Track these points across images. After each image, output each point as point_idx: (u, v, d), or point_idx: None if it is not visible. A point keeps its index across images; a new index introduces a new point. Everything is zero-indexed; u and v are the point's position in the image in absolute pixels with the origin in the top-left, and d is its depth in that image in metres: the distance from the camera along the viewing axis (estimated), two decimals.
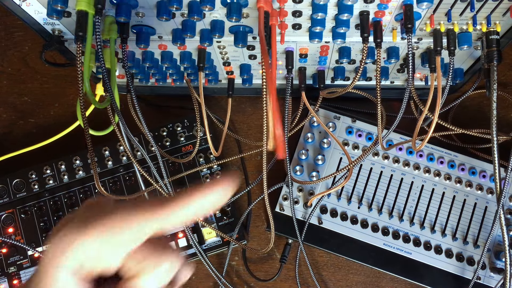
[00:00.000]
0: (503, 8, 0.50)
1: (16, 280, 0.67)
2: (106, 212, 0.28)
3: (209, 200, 0.28)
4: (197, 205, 0.28)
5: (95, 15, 0.47)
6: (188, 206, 0.28)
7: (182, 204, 0.28)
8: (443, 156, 0.69)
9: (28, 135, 0.77)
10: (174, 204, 0.28)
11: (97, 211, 0.28)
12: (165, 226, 0.28)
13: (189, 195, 0.28)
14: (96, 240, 0.27)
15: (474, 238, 0.66)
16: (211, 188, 0.28)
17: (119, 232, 0.27)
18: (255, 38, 0.57)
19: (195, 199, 0.28)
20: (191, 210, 0.28)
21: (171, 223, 0.28)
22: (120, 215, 0.27)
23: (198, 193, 0.28)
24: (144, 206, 0.28)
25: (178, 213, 0.28)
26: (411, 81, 0.53)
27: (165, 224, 0.28)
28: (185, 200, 0.28)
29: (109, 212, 0.28)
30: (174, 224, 0.28)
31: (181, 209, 0.28)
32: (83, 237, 0.27)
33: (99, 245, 0.27)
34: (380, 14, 0.52)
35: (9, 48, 0.80)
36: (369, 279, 0.70)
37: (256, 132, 0.76)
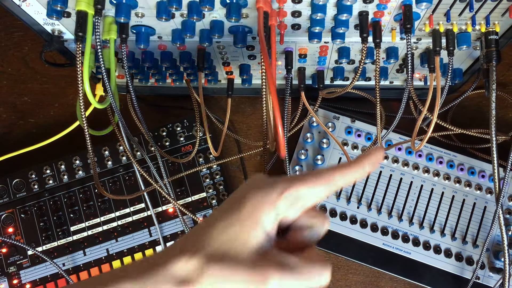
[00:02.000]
0: (502, 8, 0.50)
1: (16, 280, 0.68)
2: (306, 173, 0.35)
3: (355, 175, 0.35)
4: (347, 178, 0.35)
5: (95, 15, 0.47)
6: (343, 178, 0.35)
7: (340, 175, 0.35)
8: (442, 156, 0.69)
9: (28, 135, 0.77)
10: (338, 174, 0.35)
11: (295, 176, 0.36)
12: (329, 193, 0.35)
13: (343, 169, 0.35)
14: (299, 191, 0.33)
15: (473, 238, 0.66)
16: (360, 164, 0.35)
17: (314, 187, 0.34)
18: (255, 38, 0.57)
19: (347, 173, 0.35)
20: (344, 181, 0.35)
21: (333, 190, 0.35)
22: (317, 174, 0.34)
23: (350, 168, 0.35)
24: (325, 172, 0.35)
25: (338, 183, 0.35)
26: (410, 81, 0.53)
27: (330, 191, 0.35)
28: (341, 172, 0.35)
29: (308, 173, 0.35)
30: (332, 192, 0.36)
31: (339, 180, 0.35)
32: (296, 186, 0.33)
33: (299, 198, 0.33)
34: (379, 14, 0.52)
35: (9, 48, 0.80)
36: (369, 279, 0.70)
37: (255, 132, 0.76)
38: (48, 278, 0.68)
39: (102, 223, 0.69)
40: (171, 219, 0.69)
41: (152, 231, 0.68)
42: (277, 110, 0.39)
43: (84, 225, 0.69)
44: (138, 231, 0.69)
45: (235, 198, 0.34)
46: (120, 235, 0.68)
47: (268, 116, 0.52)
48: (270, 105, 0.51)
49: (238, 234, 0.32)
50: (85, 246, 0.68)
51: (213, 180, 0.70)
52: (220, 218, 0.33)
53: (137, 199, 0.69)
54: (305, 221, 0.35)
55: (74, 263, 0.68)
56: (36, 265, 0.68)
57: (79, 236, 0.69)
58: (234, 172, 0.74)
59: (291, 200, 0.33)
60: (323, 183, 0.34)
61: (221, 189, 0.70)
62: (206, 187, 0.70)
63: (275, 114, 0.39)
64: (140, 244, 0.68)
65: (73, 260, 0.68)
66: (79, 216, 0.69)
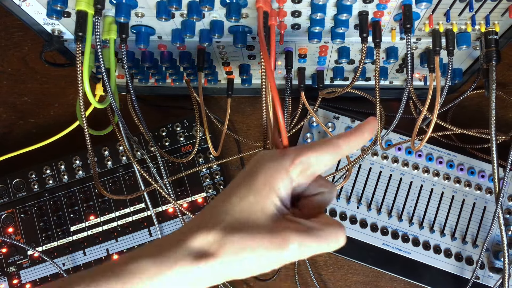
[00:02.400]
0: (502, 8, 0.50)
1: (16, 280, 0.68)
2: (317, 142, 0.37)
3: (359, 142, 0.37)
4: None
5: (95, 15, 0.47)
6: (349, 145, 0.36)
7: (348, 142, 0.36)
8: (442, 156, 0.69)
9: (28, 135, 0.77)
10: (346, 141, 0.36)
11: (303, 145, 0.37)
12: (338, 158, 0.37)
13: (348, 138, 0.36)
14: (309, 158, 0.35)
15: (473, 238, 0.67)
16: None
17: (323, 154, 0.35)
18: (254, 38, 0.57)
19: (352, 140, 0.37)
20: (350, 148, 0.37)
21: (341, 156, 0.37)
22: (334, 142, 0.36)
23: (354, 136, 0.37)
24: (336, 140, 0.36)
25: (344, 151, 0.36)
26: (410, 81, 0.53)
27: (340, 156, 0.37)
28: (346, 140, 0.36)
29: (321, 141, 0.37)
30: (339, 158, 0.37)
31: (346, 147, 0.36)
32: (310, 152, 0.35)
33: (309, 165, 0.35)
34: (379, 14, 0.52)
35: (9, 48, 0.80)
36: (368, 279, 0.70)
37: (255, 132, 0.76)
38: (48, 278, 0.68)
39: (102, 223, 0.69)
40: (171, 219, 0.69)
41: (152, 231, 0.68)
42: (278, 101, 0.39)
43: (84, 225, 0.69)
44: (138, 231, 0.69)
45: (247, 172, 0.35)
46: (120, 235, 0.69)
47: (268, 116, 0.52)
48: (270, 105, 0.51)
49: (254, 203, 0.33)
50: (85, 246, 0.68)
51: (213, 180, 0.70)
52: (234, 191, 0.34)
53: (137, 199, 0.69)
54: (315, 188, 0.36)
55: (74, 263, 0.68)
56: (36, 265, 0.68)
57: (79, 236, 0.69)
58: (234, 172, 0.74)
59: (302, 167, 0.34)
60: (330, 150, 0.35)
61: (221, 189, 0.70)
62: (206, 187, 0.70)
63: (275, 104, 0.39)
64: (140, 244, 0.68)
65: (73, 260, 0.68)
66: (79, 216, 0.69)
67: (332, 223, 0.35)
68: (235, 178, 0.36)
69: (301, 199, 0.37)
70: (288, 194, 0.35)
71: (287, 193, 0.34)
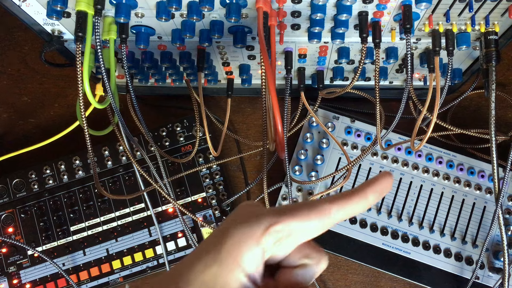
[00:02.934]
0: (502, 8, 0.50)
1: (16, 280, 0.68)
2: (294, 205, 0.31)
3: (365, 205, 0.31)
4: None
5: (95, 16, 0.47)
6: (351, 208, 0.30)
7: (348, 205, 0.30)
8: (441, 156, 0.69)
9: (28, 135, 0.77)
10: (344, 205, 0.30)
11: (287, 206, 0.31)
12: (329, 226, 0.31)
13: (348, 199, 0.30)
14: (289, 226, 0.29)
15: (473, 238, 0.67)
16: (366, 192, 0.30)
17: (307, 221, 0.29)
18: (254, 38, 0.57)
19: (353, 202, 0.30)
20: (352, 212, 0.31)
21: (333, 224, 0.30)
22: (310, 206, 0.30)
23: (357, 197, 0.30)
24: (323, 205, 0.30)
25: (341, 215, 0.30)
26: (410, 81, 0.54)
27: (330, 224, 0.30)
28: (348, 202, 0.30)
29: (299, 205, 0.31)
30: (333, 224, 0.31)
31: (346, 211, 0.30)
32: (280, 222, 0.29)
33: (289, 233, 0.29)
34: (379, 15, 0.52)
35: (9, 48, 0.80)
36: (368, 279, 0.70)
37: (255, 132, 0.76)
38: (48, 278, 0.68)
39: (102, 223, 0.69)
40: (171, 219, 0.69)
41: (152, 231, 0.69)
42: (277, 110, 0.39)
43: (84, 225, 0.69)
44: (138, 231, 0.69)
45: (218, 232, 0.30)
46: (120, 235, 0.69)
47: (268, 116, 0.53)
48: (270, 105, 0.51)
49: (217, 276, 0.28)
50: (85, 246, 0.68)
51: (213, 180, 0.70)
52: (201, 256, 0.29)
53: (137, 199, 0.69)
54: (297, 258, 0.31)
55: (74, 263, 0.68)
56: (36, 265, 0.68)
57: (79, 236, 0.69)
58: (234, 172, 0.74)
59: (279, 235, 0.29)
60: (317, 217, 0.29)
61: (220, 189, 0.70)
62: (206, 187, 0.70)
63: (275, 114, 0.39)
64: (140, 244, 0.68)
65: (73, 260, 0.68)
66: (79, 216, 0.69)
67: None
68: (207, 238, 0.31)
69: (280, 269, 0.31)
70: (258, 267, 0.29)
71: (256, 266, 0.28)
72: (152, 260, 0.68)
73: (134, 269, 0.68)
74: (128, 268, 0.68)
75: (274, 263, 0.31)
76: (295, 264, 0.31)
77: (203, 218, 0.69)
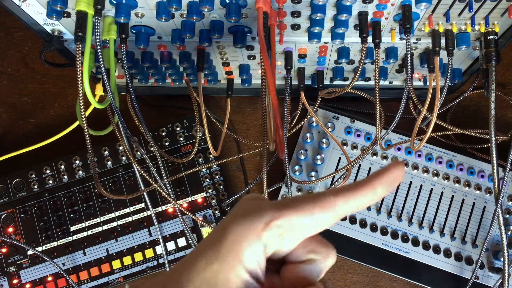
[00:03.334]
0: (501, 8, 0.51)
1: (16, 280, 0.68)
2: (300, 197, 0.29)
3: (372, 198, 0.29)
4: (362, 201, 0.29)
5: (95, 16, 0.47)
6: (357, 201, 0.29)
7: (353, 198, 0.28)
8: (441, 156, 0.69)
9: (28, 135, 0.77)
10: (347, 198, 0.28)
11: (291, 198, 0.29)
12: (336, 219, 0.29)
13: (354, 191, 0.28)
14: (291, 220, 0.28)
15: (473, 237, 0.67)
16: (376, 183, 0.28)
17: (310, 215, 0.28)
18: (254, 38, 0.57)
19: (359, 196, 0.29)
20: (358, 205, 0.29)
21: (339, 217, 0.29)
22: (316, 199, 0.28)
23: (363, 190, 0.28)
24: (328, 197, 0.28)
25: (346, 208, 0.28)
26: (409, 81, 0.54)
27: (338, 217, 0.29)
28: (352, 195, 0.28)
29: (306, 196, 0.29)
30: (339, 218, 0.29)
31: (351, 203, 0.28)
32: (284, 215, 0.28)
33: (292, 227, 0.28)
34: (379, 15, 0.52)
35: (9, 48, 0.80)
36: (368, 279, 0.70)
37: (255, 132, 0.76)
38: (48, 278, 0.68)
39: (102, 223, 0.69)
40: (171, 219, 0.69)
41: (152, 231, 0.69)
42: (277, 110, 0.39)
43: (84, 225, 0.69)
44: (138, 231, 0.69)
45: (220, 228, 0.29)
46: (120, 235, 0.69)
47: (268, 116, 0.53)
48: (270, 105, 0.51)
49: (218, 273, 0.27)
50: (85, 246, 0.68)
51: (212, 180, 0.70)
52: (203, 252, 0.28)
53: (137, 199, 0.69)
54: (302, 254, 0.29)
55: (74, 263, 0.68)
56: (36, 265, 0.68)
57: (79, 236, 0.69)
58: (234, 172, 0.74)
59: (280, 230, 0.27)
60: (321, 211, 0.28)
61: (220, 189, 0.70)
62: (206, 187, 0.70)
63: (275, 114, 0.39)
64: (140, 244, 0.68)
65: (73, 260, 0.68)
66: (79, 216, 0.69)
67: None
68: (209, 233, 0.30)
69: (285, 265, 0.30)
70: (260, 264, 0.28)
71: (258, 262, 0.27)
72: (152, 260, 0.68)
73: (134, 269, 0.68)
74: (128, 268, 0.68)
75: (279, 258, 0.29)
76: (301, 259, 0.29)
77: (203, 218, 0.69)
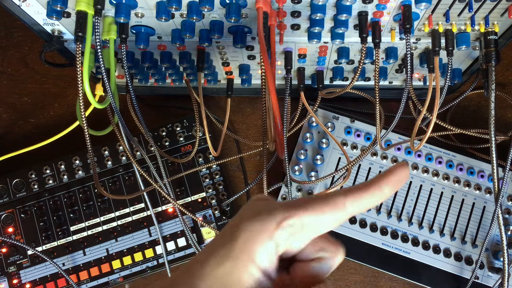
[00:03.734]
0: (501, 8, 0.51)
1: (16, 280, 0.68)
2: (308, 198, 0.30)
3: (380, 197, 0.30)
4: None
5: (95, 16, 0.47)
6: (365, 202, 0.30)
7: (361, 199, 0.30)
8: (441, 156, 0.69)
9: (28, 135, 0.77)
10: (357, 198, 0.29)
11: (299, 200, 0.30)
12: (344, 219, 0.30)
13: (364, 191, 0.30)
14: (302, 219, 0.29)
15: (472, 237, 0.67)
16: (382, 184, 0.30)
17: (320, 215, 0.29)
18: (254, 38, 0.57)
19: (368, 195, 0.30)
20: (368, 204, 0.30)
21: (347, 217, 0.30)
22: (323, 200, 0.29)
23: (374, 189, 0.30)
24: (338, 197, 0.30)
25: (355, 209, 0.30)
26: (409, 81, 0.54)
27: (345, 218, 0.30)
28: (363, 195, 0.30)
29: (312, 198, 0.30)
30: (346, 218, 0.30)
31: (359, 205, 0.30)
32: (296, 215, 0.29)
33: (303, 227, 0.29)
34: (379, 15, 0.52)
35: (9, 48, 0.80)
36: (368, 279, 0.70)
37: (255, 132, 0.76)
38: (48, 278, 0.68)
39: (102, 223, 0.69)
40: (171, 219, 0.69)
41: (151, 231, 0.69)
42: (277, 110, 0.39)
43: (84, 225, 0.69)
44: (138, 231, 0.69)
45: (230, 227, 0.30)
46: (119, 235, 0.69)
47: (268, 116, 0.53)
48: (270, 105, 0.51)
49: (231, 272, 0.28)
50: (85, 246, 0.68)
51: (212, 180, 0.70)
52: (214, 251, 0.29)
53: (136, 199, 0.69)
54: (312, 252, 0.30)
55: (74, 263, 0.68)
56: (36, 265, 0.68)
57: (79, 236, 0.69)
58: (234, 172, 0.74)
59: (293, 230, 0.28)
60: (331, 210, 0.29)
61: (220, 189, 0.70)
62: (206, 187, 0.70)
63: (275, 115, 0.39)
64: (140, 244, 0.68)
65: (73, 260, 0.68)
66: (79, 216, 0.69)
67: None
68: (220, 232, 0.31)
69: (295, 263, 0.30)
70: (272, 262, 0.28)
71: (270, 261, 0.28)
72: (152, 260, 0.68)
73: (134, 269, 0.68)
74: (128, 268, 0.68)
75: (289, 257, 0.30)
76: (310, 257, 0.30)
77: (203, 218, 0.69)
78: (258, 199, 0.32)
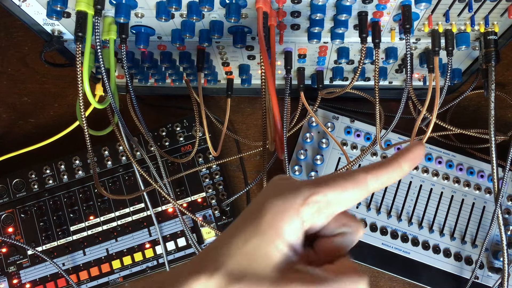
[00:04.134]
0: (501, 8, 0.51)
1: (16, 280, 0.68)
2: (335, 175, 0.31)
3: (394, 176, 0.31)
4: None
5: (95, 16, 0.47)
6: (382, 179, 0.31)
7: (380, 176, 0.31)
8: (441, 156, 0.69)
9: (28, 135, 0.77)
10: (379, 174, 0.31)
11: (324, 177, 0.32)
12: (364, 196, 0.31)
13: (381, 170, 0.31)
14: (326, 196, 0.30)
15: (472, 237, 0.67)
16: None
17: (344, 191, 0.30)
18: (254, 38, 0.57)
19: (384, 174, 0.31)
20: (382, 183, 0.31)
21: (368, 194, 0.31)
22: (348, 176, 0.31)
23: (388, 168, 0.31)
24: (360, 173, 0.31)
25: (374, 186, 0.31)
26: (409, 81, 0.54)
27: (365, 194, 0.31)
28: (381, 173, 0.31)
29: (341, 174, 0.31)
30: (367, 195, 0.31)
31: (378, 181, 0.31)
32: (321, 191, 0.30)
33: (327, 203, 0.30)
34: (379, 15, 0.52)
35: (9, 48, 0.80)
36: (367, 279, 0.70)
37: (255, 132, 0.76)
38: (48, 278, 0.68)
39: (102, 223, 0.69)
40: (171, 219, 0.69)
41: (151, 231, 0.69)
42: (277, 110, 0.40)
43: (84, 225, 0.69)
44: (138, 231, 0.69)
45: (255, 205, 0.31)
46: (119, 235, 0.69)
47: (268, 116, 0.53)
48: (270, 105, 0.51)
49: (258, 248, 0.29)
50: (84, 246, 0.68)
51: (212, 180, 0.70)
52: (240, 229, 0.30)
53: (136, 199, 0.69)
54: (335, 227, 0.32)
55: (74, 262, 0.68)
56: (36, 265, 0.68)
57: (79, 236, 0.69)
58: (234, 172, 0.74)
59: (318, 206, 0.30)
60: (354, 187, 0.30)
61: (220, 189, 0.70)
62: (206, 187, 0.70)
63: (275, 114, 0.40)
64: (140, 244, 0.68)
65: (73, 259, 0.68)
66: (79, 216, 0.69)
67: (349, 273, 0.30)
68: (245, 210, 0.32)
69: (318, 238, 0.32)
70: (298, 238, 0.30)
71: (296, 236, 0.30)
72: (152, 260, 0.68)
73: (134, 269, 0.68)
74: (128, 268, 0.68)
75: (313, 233, 0.31)
76: (333, 233, 0.32)
77: (202, 218, 0.69)
78: (281, 178, 0.33)
